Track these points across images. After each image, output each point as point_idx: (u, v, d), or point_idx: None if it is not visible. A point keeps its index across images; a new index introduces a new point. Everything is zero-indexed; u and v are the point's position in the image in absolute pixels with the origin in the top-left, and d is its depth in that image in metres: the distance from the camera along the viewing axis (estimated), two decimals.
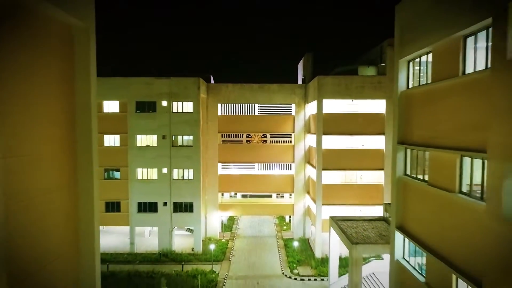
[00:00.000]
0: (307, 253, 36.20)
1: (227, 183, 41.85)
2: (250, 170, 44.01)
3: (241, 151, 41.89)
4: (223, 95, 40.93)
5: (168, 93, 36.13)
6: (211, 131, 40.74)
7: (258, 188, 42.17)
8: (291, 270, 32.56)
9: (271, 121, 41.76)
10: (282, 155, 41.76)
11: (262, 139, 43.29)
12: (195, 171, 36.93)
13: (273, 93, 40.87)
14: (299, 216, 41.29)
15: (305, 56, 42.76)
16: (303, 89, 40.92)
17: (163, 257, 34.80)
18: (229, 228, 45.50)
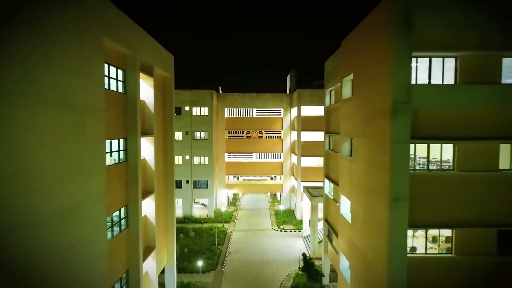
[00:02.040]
0: (290, 217, 49.83)
1: (232, 168, 55.60)
2: (249, 158, 57.62)
3: (242, 144, 55.60)
4: (229, 102, 54.65)
5: (190, 101, 49.78)
6: (220, 128, 54.42)
7: (256, 172, 55.93)
8: (278, 226, 46.16)
9: (265, 121, 55.46)
10: (273, 147, 55.46)
11: (259, 135, 56.85)
12: (209, 158, 50.61)
13: (267, 100, 54.58)
14: (286, 192, 54.99)
15: (291, 72, 56.47)
16: (289, 98, 54.59)
17: (187, 219, 48.38)
18: (233, 203, 59.18)
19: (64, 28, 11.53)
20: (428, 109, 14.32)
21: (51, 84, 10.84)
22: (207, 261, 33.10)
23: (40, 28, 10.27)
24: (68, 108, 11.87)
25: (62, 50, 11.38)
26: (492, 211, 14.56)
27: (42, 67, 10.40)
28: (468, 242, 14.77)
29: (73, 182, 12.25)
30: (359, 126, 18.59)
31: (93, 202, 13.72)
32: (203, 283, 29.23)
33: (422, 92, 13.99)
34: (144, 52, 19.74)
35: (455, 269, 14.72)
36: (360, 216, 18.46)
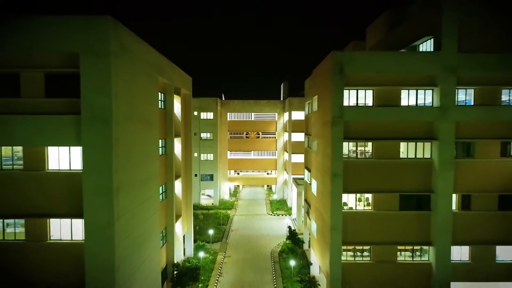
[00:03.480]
0: (283, 205, 59.13)
1: (233, 164, 64.90)
2: (248, 155, 66.87)
3: (242, 143, 64.90)
4: (231, 107, 63.92)
5: (198, 107, 59.00)
6: (223, 130, 63.67)
7: (254, 167, 65.24)
8: (272, 212, 55.45)
9: (262, 124, 64.75)
10: (269, 146, 64.77)
11: (256, 136, 66.11)
12: (214, 155, 59.86)
13: (263, 106, 63.88)
14: (279, 184, 64.31)
15: (284, 81, 65.83)
16: (282, 104, 63.90)
17: (195, 207, 57.58)
18: (234, 195, 68.49)
19: (142, 77, 20.82)
20: (355, 121, 23.56)
21: (138, 109, 20.11)
22: (214, 235, 42.36)
23: (132, 80, 19.57)
24: (144, 122, 21.16)
25: (140, 90, 20.64)
26: (396, 183, 23.83)
27: (136, 101, 19.68)
28: (381, 202, 24.03)
29: (147, 164, 21.55)
30: (320, 130, 27.92)
31: (153, 177, 23.02)
32: (213, 249, 38.49)
33: (350, 111, 23.26)
34: (175, 79, 29.01)
35: (373, 218, 23.99)
36: (320, 190, 27.80)
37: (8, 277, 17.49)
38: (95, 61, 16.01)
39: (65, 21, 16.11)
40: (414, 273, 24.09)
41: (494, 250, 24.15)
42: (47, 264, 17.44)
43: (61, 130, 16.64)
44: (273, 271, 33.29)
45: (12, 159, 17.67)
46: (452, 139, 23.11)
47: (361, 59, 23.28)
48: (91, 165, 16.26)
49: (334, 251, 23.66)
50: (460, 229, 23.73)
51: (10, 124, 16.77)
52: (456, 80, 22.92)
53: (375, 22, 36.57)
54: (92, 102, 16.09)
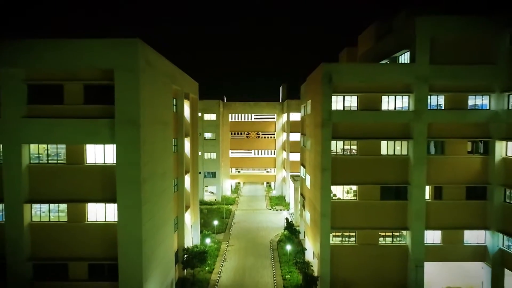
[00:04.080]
0: (281, 200, 62.94)
1: (235, 162, 68.69)
2: (249, 154, 70.64)
3: (243, 142, 68.69)
4: (232, 109, 67.72)
5: (202, 109, 62.75)
6: (225, 130, 67.46)
7: (254, 165, 69.06)
8: (271, 207, 59.24)
9: (262, 124, 68.54)
10: (268, 145, 68.57)
11: (257, 136, 69.90)
12: (216, 154, 63.65)
13: (263, 108, 67.69)
14: (278, 182, 68.12)
15: (282, 85, 69.66)
16: (281, 106, 67.70)
17: (199, 202, 61.25)
18: (236, 191, 72.29)
19: (160, 86, 24.61)
20: (342, 123, 27.33)
21: (158, 113, 23.89)
22: (218, 227, 46.15)
23: (153, 89, 23.36)
24: (162, 124, 24.94)
25: (159, 97, 24.39)
26: (377, 176, 27.61)
27: (156, 106, 23.46)
28: (364, 192, 27.81)
29: (164, 159, 25.34)
30: (312, 131, 31.72)
31: (169, 171, 26.81)
32: (217, 239, 42.27)
33: (338, 114, 27.04)
34: (185, 86, 32.78)
35: (358, 207, 27.78)
36: (312, 183, 31.61)
37: (56, 251, 21.29)
38: (127, 76, 19.80)
39: (103, 43, 19.91)
40: (393, 254, 27.89)
41: (462, 234, 27.96)
42: (86, 240, 21.23)
43: (98, 131, 20.41)
44: (272, 257, 37.09)
45: (56, 155, 21.45)
46: (425, 139, 26.90)
47: (347, 70, 27.11)
48: (123, 159, 20.04)
49: (324, 235, 27.47)
50: (433, 216, 27.51)
51: (55, 126, 20.56)
52: (428, 88, 26.71)
53: (365, 32, 40.44)
54: (124, 109, 19.88)
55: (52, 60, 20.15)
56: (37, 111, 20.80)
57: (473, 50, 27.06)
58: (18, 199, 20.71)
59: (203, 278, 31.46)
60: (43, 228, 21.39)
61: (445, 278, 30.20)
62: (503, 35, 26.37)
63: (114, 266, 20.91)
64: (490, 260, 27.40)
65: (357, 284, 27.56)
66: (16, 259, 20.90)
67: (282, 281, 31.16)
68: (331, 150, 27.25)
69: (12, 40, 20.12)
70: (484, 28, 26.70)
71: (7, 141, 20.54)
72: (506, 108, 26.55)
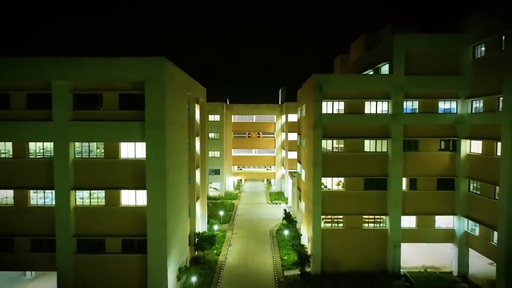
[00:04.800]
0: (280, 196, 67.83)
1: (237, 160, 73.57)
2: (250, 153, 75.45)
3: (245, 142, 73.56)
4: (235, 110, 72.57)
5: (207, 110, 67.34)
6: (228, 130, 72.30)
7: (255, 163, 73.93)
8: (271, 201, 64.09)
9: (262, 125, 73.39)
10: (268, 144, 73.43)
11: (257, 135, 74.72)
12: (220, 152, 68.49)
13: (263, 109, 72.55)
14: (278, 178, 73.01)
15: (281, 88, 74.51)
16: (280, 107, 72.57)
17: None
18: (238, 188, 77.14)
19: (178, 93, 29.45)
20: (331, 124, 32.16)
21: (177, 116, 28.72)
22: (223, 218, 50.99)
23: (174, 96, 28.22)
24: (180, 125, 29.79)
25: (177, 102, 29.21)
26: (361, 169, 32.45)
27: (175, 111, 28.30)
28: (350, 183, 32.65)
29: (181, 155, 30.19)
30: (306, 131, 36.58)
31: (184, 165, 31.66)
32: (222, 228, 47.11)
33: (327, 117, 31.88)
34: (196, 91, 37.61)
35: (345, 196, 32.63)
36: (306, 176, 36.47)
37: (96, 229, 26.13)
38: (155, 87, 24.63)
39: (136, 61, 24.77)
40: (374, 236, 32.72)
41: (434, 219, 32.79)
42: (119, 220, 26.04)
43: (130, 131, 25.24)
44: (271, 243, 41.95)
45: (96, 151, 26.27)
46: (401, 138, 31.74)
47: (335, 80, 32.03)
48: (152, 154, 24.87)
49: (316, 220, 32.32)
50: (408, 204, 32.34)
51: (95, 128, 25.38)
52: (404, 95, 31.55)
53: (355, 42, 45.35)
54: (152, 113, 24.70)
55: (94, 74, 25.01)
56: (81, 115, 25.63)
57: (442, 63, 31.88)
58: (65, 187, 25.54)
59: (212, 259, 36.27)
60: (85, 210, 26.22)
61: (420, 258, 35.09)
62: (467, 50, 31.19)
63: (143, 241, 25.73)
64: (457, 241, 32.24)
65: (343, 261, 32.38)
66: (64, 236, 25.72)
67: (280, 261, 36.00)
68: (321, 148, 32.10)
69: (62, 58, 24.95)
70: (452, 44, 31.54)
71: (57, 140, 25.36)
72: (469, 112, 31.38)
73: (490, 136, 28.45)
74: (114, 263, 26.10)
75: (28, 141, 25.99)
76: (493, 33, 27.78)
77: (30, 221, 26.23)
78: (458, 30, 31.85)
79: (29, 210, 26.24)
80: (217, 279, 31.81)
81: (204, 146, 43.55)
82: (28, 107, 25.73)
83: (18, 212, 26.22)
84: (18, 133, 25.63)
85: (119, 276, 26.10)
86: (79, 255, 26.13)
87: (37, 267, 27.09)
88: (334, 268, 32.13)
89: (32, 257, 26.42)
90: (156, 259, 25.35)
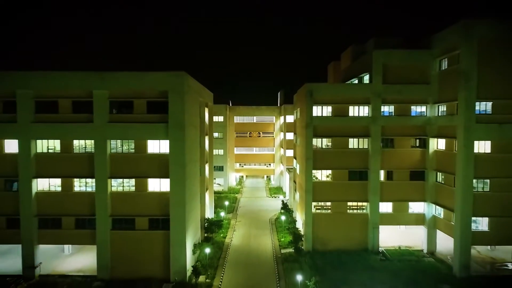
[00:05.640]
0: (279, 190, 73.96)
1: (239, 157, 79.70)
2: (251, 151, 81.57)
3: (246, 141, 79.69)
4: (237, 112, 78.70)
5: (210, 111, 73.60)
6: (231, 130, 78.41)
7: (255, 160, 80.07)
8: (270, 195, 70.21)
9: (262, 125, 79.53)
10: (268, 143, 79.55)
11: (258, 135, 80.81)
12: (223, 150, 74.59)
13: (263, 111, 78.70)
14: (277, 175, 79.15)
15: (280, 91, 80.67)
16: (279, 109, 78.68)
17: None
18: (240, 183, 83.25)
19: (193, 99, 35.54)
20: (320, 125, 38.24)
21: (192, 119, 34.81)
22: (227, 207, 57.09)
23: (190, 102, 34.33)
24: (194, 126, 35.89)
25: (192, 107, 35.28)
26: (346, 163, 38.54)
27: (191, 114, 34.39)
28: (337, 175, 38.74)
29: (194, 151, 36.29)
30: (300, 131, 42.69)
31: (197, 160, 37.77)
32: (227, 217, 53.21)
33: (317, 119, 37.97)
34: (205, 97, 43.68)
35: (332, 185, 38.72)
36: (300, 169, 42.60)
37: (127, 210, 32.19)
38: (177, 95, 30.68)
39: (162, 75, 30.85)
40: (357, 220, 38.82)
41: (407, 205, 38.88)
42: (147, 203, 32.08)
43: (156, 131, 31.28)
44: (271, 228, 48.07)
45: (128, 147, 32.33)
46: (379, 136, 37.82)
47: (323, 88, 38.17)
48: (174, 150, 30.93)
49: (308, 206, 38.42)
50: (386, 192, 38.41)
51: (128, 128, 31.43)
52: (382, 100, 37.64)
53: (345, 52, 51.45)
54: (175, 117, 30.76)
55: (128, 85, 31.09)
56: (116, 118, 31.67)
57: (414, 74, 37.94)
58: (104, 176, 31.60)
59: (220, 241, 42.35)
60: (118, 195, 32.27)
61: (396, 239, 41.19)
62: (434, 63, 37.26)
63: (166, 220, 31.76)
64: (426, 224, 38.33)
65: (331, 241, 38.46)
66: (102, 215, 31.77)
67: (278, 242, 42.11)
68: (312, 145, 38.20)
69: (104, 73, 31.01)
70: (422, 59, 37.60)
71: (97, 138, 31.43)
72: (436, 115, 37.45)
73: (451, 135, 34.55)
74: (142, 238, 32.14)
75: (73, 139, 32.06)
76: (452, 50, 33.88)
77: (74, 204, 32.30)
78: (428, 46, 37.90)
79: (74, 195, 32.32)
80: (224, 255, 37.91)
81: (212, 144, 49.61)
82: (73, 112, 31.80)
83: (64, 197, 32.30)
84: (65, 132, 31.71)
85: (146, 248, 32.14)
86: (114, 231, 32.17)
87: (80, 241, 33.15)
88: (323, 246, 38.23)
89: (75, 233, 32.48)
90: (177, 235, 31.40)
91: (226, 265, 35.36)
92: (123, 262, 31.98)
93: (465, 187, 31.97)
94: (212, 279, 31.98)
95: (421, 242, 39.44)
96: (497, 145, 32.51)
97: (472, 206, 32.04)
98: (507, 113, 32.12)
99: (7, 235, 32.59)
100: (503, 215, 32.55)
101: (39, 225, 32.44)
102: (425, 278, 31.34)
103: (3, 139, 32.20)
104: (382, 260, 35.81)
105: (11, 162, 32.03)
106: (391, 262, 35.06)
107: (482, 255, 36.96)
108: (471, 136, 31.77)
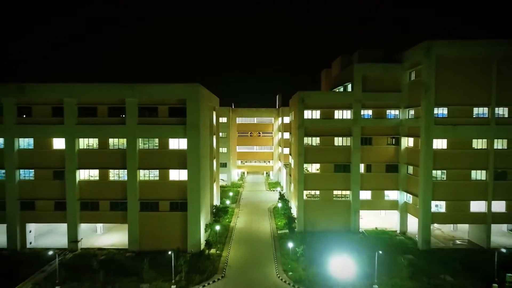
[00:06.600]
0: (277, 184, 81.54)
1: (240, 155, 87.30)
2: (252, 149, 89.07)
3: (247, 140, 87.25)
4: (239, 113, 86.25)
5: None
6: (233, 130, 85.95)
7: (256, 158, 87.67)
8: (269, 189, 77.76)
9: (262, 125, 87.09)
10: (267, 142, 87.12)
11: (258, 134, 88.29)
12: (227, 149, 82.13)
13: (263, 112, 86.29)
14: (275, 171, 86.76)
15: (278, 95, 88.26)
16: (277, 111, 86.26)
17: None
18: (241, 179, 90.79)
19: (204, 104, 43.06)
20: (312, 126, 45.71)
21: (204, 121, 42.30)
22: (231, 198, 64.61)
23: (202, 107, 41.85)
24: (205, 127, 43.40)
25: (204, 111, 42.76)
26: (332, 158, 46.06)
27: (204, 117, 41.90)
28: (324, 168, 46.26)
29: (206, 148, 43.80)
30: (294, 131, 50.27)
31: (207, 155, 45.29)
32: (231, 207, 60.77)
33: (308, 121, 45.48)
34: (213, 102, 51.15)
35: (321, 176, 46.23)
36: (294, 164, 50.18)
37: (152, 195, 39.67)
38: (193, 102, 38.17)
39: (181, 86, 38.35)
40: (341, 205, 46.32)
41: (384, 193, 46.39)
42: (168, 189, 39.55)
43: (176, 131, 38.76)
44: (269, 215, 55.62)
45: (153, 144, 39.79)
46: (359, 136, 45.33)
47: (314, 95, 45.69)
48: (191, 146, 38.40)
49: (300, 194, 45.96)
50: (365, 182, 45.89)
51: (153, 129, 38.92)
52: (361, 106, 45.12)
53: (335, 61, 58.94)
54: (191, 120, 38.24)
55: (154, 94, 38.59)
56: (144, 121, 39.15)
57: (389, 83, 45.41)
58: (134, 167, 39.09)
59: (226, 224, 49.88)
60: (145, 183, 39.76)
61: (376, 222, 48.69)
62: (405, 75, 44.76)
63: (184, 203, 39.22)
64: (399, 208, 45.84)
65: (319, 223, 45.96)
66: (132, 199, 39.25)
67: (275, 225, 49.66)
68: (304, 143, 45.73)
69: (135, 84, 38.48)
70: (395, 71, 45.08)
71: (129, 137, 38.93)
72: (406, 118, 44.95)
73: (417, 135, 42.04)
74: (165, 218, 39.63)
75: (108, 137, 39.55)
76: (417, 65, 41.39)
77: (109, 190, 39.78)
78: (401, 60, 45.38)
79: (109, 183, 39.80)
80: (230, 235, 45.44)
81: (218, 142, 57.12)
82: (109, 116, 39.28)
83: (101, 184, 39.80)
84: (102, 132, 39.20)
85: (168, 227, 39.60)
86: (142, 212, 39.65)
87: (113, 221, 40.58)
88: (313, 227, 45.77)
89: (110, 214, 39.96)
90: (192, 215, 38.89)
91: (232, 242, 42.89)
92: (149, 237, 39.45)
93: (426, 176, 39.51)
94: (221, 251, 39.49)
95: (395, 224, 46.94)
96: (452, 142, 40.02)
97: (431, 192, 39.59)
98: (460, 116, 39.64)
99: (55, 215, 40.09)
100: (457, 199, 40.07)
101: (81, 207, 39.96)
102: (394, 250, 38.80)
103: (52, 138, 39.71)
104: (361, 238, 43.31)
105: (58, 157, 39.57)
106: (368, 239, 42.58)
107: (444, 233, 44.54)
108: (430, 135, 39.30)
